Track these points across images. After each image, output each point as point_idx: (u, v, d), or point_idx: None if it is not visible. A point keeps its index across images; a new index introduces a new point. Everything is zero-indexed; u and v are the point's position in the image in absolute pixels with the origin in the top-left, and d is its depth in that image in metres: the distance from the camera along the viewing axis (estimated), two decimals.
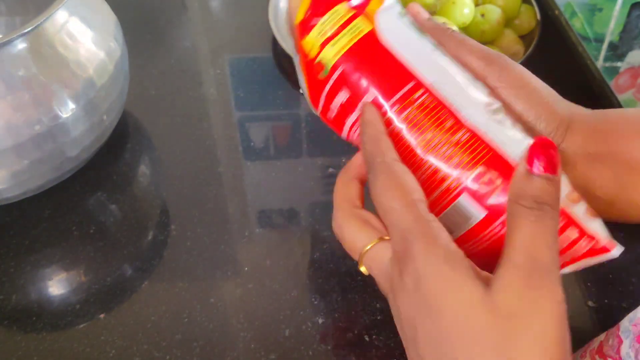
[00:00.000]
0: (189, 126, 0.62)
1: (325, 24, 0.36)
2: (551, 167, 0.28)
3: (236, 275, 0.50)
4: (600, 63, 0.63)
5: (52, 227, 0.53)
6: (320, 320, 0.47)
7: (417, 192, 0.30)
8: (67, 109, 0.48)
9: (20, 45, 0.45)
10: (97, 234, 0.53)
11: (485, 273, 0.29)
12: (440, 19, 0.61)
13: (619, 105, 0.57)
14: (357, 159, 0.35)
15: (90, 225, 0.53)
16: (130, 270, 0.51)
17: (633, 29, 0.67)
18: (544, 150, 0.28)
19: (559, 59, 0.68)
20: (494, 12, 0.64)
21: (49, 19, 0.46)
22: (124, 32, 0.57)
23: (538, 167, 0.28)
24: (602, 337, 0.38)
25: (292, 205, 0.55)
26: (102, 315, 0.47)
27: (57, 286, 0.50)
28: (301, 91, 0.39)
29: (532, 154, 0.28)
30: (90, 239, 0.52)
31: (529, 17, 0.67)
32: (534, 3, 0.68)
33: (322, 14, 0.36)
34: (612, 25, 0.67)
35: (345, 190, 0.34)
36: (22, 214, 0.54)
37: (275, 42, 0.69)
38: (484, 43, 0.64)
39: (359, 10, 0.36)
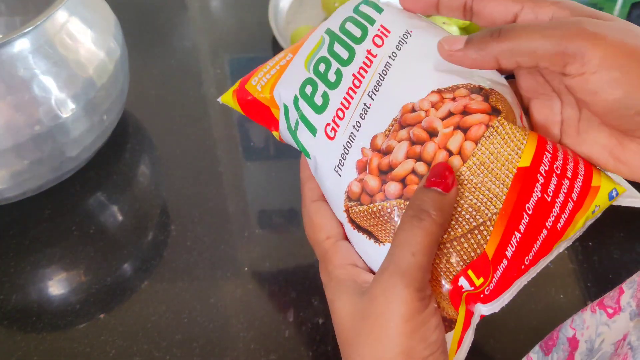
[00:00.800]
0: (189, 126, 0.62)
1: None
2: (443, 184, 0.30)
3: (236, 276, 0.50)
4: None
5: (52, 227, 0.53)
6: (320, 321, 0.47)
7: (325, 230, 0.35)
8: (67, 109, 0.48)
9: (21, 45, 0.45)
10: (97, 234, 0.53)
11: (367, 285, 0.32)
12: (440, 19, 0.61)
13: None
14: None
15: (90, 225, 0.53)
16: (130, 270, 0.51)
17: None
18: (440, 170, 0.30)
19: None
20: None
21: (49, 19, 0.46)
22: (124, 32, 0.57)
23: (431, 182, 0.30)
24: None
25: (292, 205, 0.55)
26: (102, 315, 0.47)
27: (57, 286, 0.50)
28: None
29: (431, 172, 0.31)
30: (90, 239, 0.52)
31: None
32: None
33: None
34: None
35: (306, 186, 0.37)
36: (22, 214, 0.54)
37: (275, 42, 0.69)
38: None
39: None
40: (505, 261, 0.31)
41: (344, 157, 0.34)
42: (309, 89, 0.36)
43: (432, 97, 0.33)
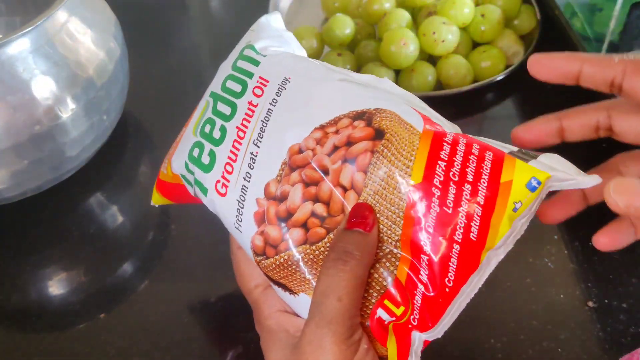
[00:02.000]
0: None
1: None
2: (364, 224, 0.29)
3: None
4: None
5: (52, 227, 0.53)
6: None
7: (253, 278, 0.35)
8: (67, 109, 0.48)
9: (21, 45, 0.45)
10: (97, 234, 0.53)
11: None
12: (440, 19, 0.61)
13: None
14: None
15: (90, 225, 0.53)
16: (130, 270, 0.51)
17: (633, 29, 0.67)
18: (360, 211, 0.30)
19: None
20: (494, 12, 0.64)
21: (49, 19, 0.46)
22: (124, 32, 0.57)
23: (352, 223, 0.29)
24: None
25: None
26: (102, 315, 0.47)
27: (57, 286, 0.50)
28: None
29: (351, 214, 0.30)
30: (90, 239, 0.52)
31: (529, 17, 0.67)
32: (534, 3, 0.68)
33: None
34: (612, 25, 0.67)
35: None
36: (22, 214, 0.54)
37: None
38: (484, 43, 0.64)
39: None
40: (421, 285, 0.30)
41: (240, 212, 0.33)
42: (196, 152, 0.36)
43: (316, 134, 0.32)
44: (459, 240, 0.29)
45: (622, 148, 0.36)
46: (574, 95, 0.41)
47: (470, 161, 0.29)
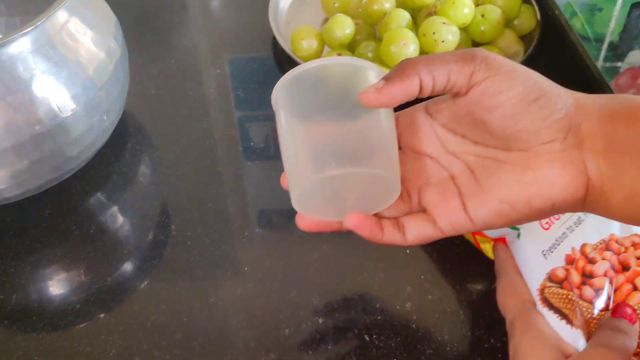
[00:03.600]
0: (189, 126, 0.62)
1: None
2: (629, 317, 0.37)
3: (236, 275, 0.50)
4: (600, 63, 0.63)
5: (52, 227, 0.53)
6: (320, 320, 0.47)
7: (526, 295, 0.41)
8: (67, 109, 0.48)
9: (21, 45, 0.45)
10: (97, 233, 0.53)
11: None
12: (440, 19, 0.61)
13: None
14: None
15: (91, 225, 0.53)
16: (131, 270, 0.51)
17: (633, 29, 0.67)
18: (623, 307, 0.38)
19: (559, 59, 0.68)
20: (494, 12, 0.64)
21: (49, 19, 0.46)
22: (124, 32, 0.57)
23: (616, 313, 0.38)
24: None
25: (292, 205, 0.55)
26: (102, 315, 0.47)
27: (57, 286, 0.50)
28: None
29: (616, 308, 0.38)
30: (91, 238, 0.52)
31: (529, 17, 0.67)
32: (534, 3, 0.68)
33: None
34: (612, 25, 0.67)
35: (510, 261, 0.44)
36: (22, 214, 0.54)
37: (275, 42, 0.69)
38: (484, 43, 0.64)
39: None
40: None
41: (555, 247, 0.41)
42: None
43: (635, 238, 0.40)
44: None
45: None
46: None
47: None
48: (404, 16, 0.63)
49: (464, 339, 0.46)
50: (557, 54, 0.69)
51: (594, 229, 0.41)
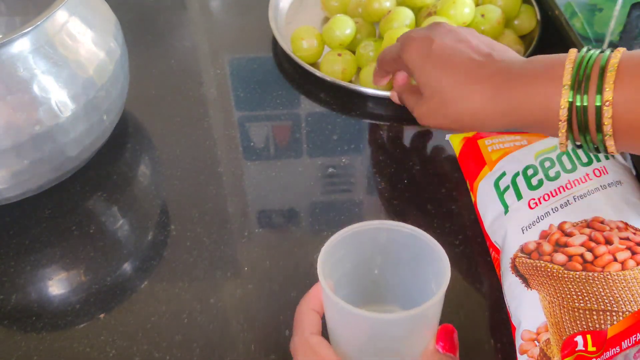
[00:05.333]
0: (189, 126, 0.62)
1: None
2: (451, 348, 0.38)
3: (236, 276, 0.50)
4: None
5: (52, 227, 0.53)
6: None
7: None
8: (67, 109, 0.48)
9: (20, 45, 0.45)
10: (97, 233, 0.53)
11: None
12: (440, 19, 0.61)
13: None
14: (315, 291, 0.39)
15: (91, 225, 0.53)
16: (130, 270, 0.51)
17: (633, 29, 0.67)
18: (447, 335, 0.38)
19: None
20: (494, 12, 0.64)
21: (49, 19, 0.46)
22: (124, 32, 0.57)
23: (442, 347, 0.37)
24: None
25: (292, 205, 0.55)
26: (102, 315, 0.47)
27: (57, 286, 0.50)
28: None
29: (439, 337, 0.38)
30: (91, 238, 0.52)
31: (529, 17, 0.67)
32: (534, 3, 0.68)
33: None
34: (612, 25, 0.67)
35: (303, 318, 0.39)
36: (22, 214, 0.54)
37: (275, 42, 0.69)
38: None
39: None
40: (618, 348, 0.37)
41: (534, 224, 0.46)
42: (530, 172, 0.49)
43: (620, 224, 0.44)
44: None
45: None
46: None
47: None
48: (407, 15, 0.63)
49: (464, 339, 0.45)
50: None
51: (579, 210, 0.46)
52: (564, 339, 0.39)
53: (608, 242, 0.43)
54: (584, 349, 0.37)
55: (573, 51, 0.41)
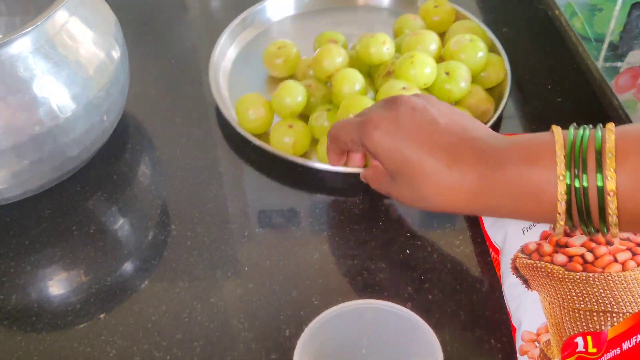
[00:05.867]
0: (189, 126, 0.62)
1: None
2: None
3: (236, 275, 0.50)
4: (600, 63, 0.63)
5: (52, 227, 0.53)
6: None
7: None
8: (67, 109, 0.48)
9: (20, 45, 0.45)
10: (98, 233, 0.53)
11: None
12: (399, 84, 0.55)
13: (620, 106, 0.57)
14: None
15: (91, 225, 0.53)
16: (131, 270, 0.51)
17: (633, 29, 0.67)
18: None
19: (559, 59, 0.68)
20: (460, 69, 0.57)
21: (49, 19, 0.46)
22: (124, 32, 0.57)
23: None
24: None
25: (292, 205, 0.55)
26: (102, 315, 0.47)
27: (57, 286, 0.50)
28: None
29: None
30: (91, 238, 0.52)
31: (497, 68, 0.61)
32: (502, 52, 0.63)
33: None
34: (612, 25, 0.67)
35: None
36: (22, 214, 0.54)
37: (219, 112, 0.65)
38: (451, 103, 0.57)
39: None
40: (618, 350, 0.37)
41: (535, 225, 0.46)
42: None
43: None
44: None
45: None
46: (575, 96, 0.40)
47: None
48: (357, 78, 0.57)
49: (464, 339, 0.46)
50: (557, 54, 0.69)
51: None
52: (564, 340, 0.39)
53: (608, 242, 0.43)
54: (584, 350, 0.38)
55: (559, 132, 0.38)
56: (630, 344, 0.37)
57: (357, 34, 0.65)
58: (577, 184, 0.36)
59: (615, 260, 0.42)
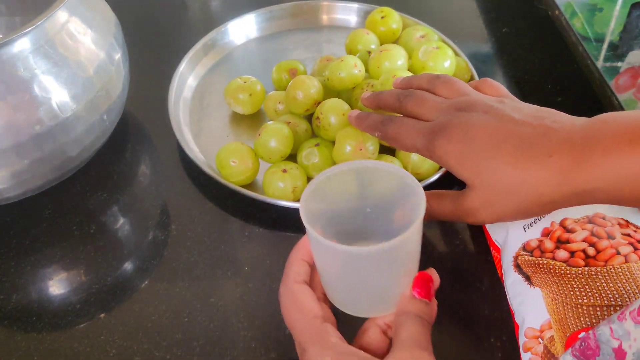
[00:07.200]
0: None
1: None
2: (427, 295, 0.38)
3: (236, 275, 0.50)
4: (600, 63, 0.63)
5: (52, 227, 0.53)
6: None
7: (313, 310, 0.37)
8: (67, 109, 0.48)
9: (21, 45, 0.45)
10: (98, 233, 0.53)
11: None
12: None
13: (620, 106, 0.57)
14: (304, 241, 0.40)
15: (91, 225, 0.53)
16: (131, 270, 0.51)
17: (633, 29, 0.67)
18: (423, 282, 0.38)
19: (559, 59, 0.68)
20: None
21: (49, 19, 0.46)
22: (124, 32, 0.57)
23: (418, 293, 0.37)
24: None
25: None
26: (102, 315, 0.47)
27: (57, 286, 0.50)
28: None
29: (415, 283, 0.38)
30: (91, 238, 0.52)
31: (462, 71, 0.62)
32: (464, 57, 0.63)
33: None
34: (612, 25, 0.67)
35: (290, 267, 0.39)
36: (22, 213, 0.54)
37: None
38: None
39: None
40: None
41: (536, 221, 0.45)
42: None
43: (621, 221, 0.44)
44: None
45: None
46: (575, 96, 0.40)
47: None
48: (342, 107, 0.55)
49: (464, 338, 0.46)
50: (557, 54, 0.69)
51: (581, 207, 0.44)
52: (568, 335, 0.39)
53: (610, 236, 0.43)
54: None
55: None
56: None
57: (312, 56, 0.66)
58: None
59: (618, 253, 0.42)
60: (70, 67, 0.48)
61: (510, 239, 0.46)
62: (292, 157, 0.56)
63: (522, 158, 0.38)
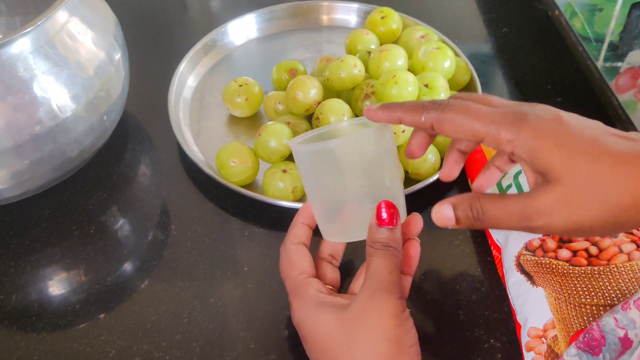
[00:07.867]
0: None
1: None
2: (390, 221, 0.39)
3: (236, 275, 0.50)
4: (600, 63, 0.63)
5: (52, 227, 0.53)
6: None
7: (300, 267, 0.42)
8: (67, 109, 0.48)
9: (21, 45, 0.45)
10: (98, 234, 0.53)
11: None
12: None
13: (620, 106, 0.57)
14: (305, 206, 0.45)
15: (91, 225, 0.53)
16: (131, 270, 0.51)
17: (633, 29, 0.67)
18: (386, 208, 0.39)
19: (559, 59, 0.68)
20: (438, 80, 0.56)
21: (49, 19, 0.46)
22: (124, 32, 0.57)
23: (382, 222, 0.39)
24: None
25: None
26: (102, 315, 0.47)
27: (57, 286, 0.50)
28: None
29: (378, 212, 0.39)
30: (91, 239, 0.52)
31: (462, 72, 0.62)
32: (464, 57, 0.64)
33: None
34: (612, 25, 0.67)
35: (290, 229, 0.44)
36: (22, 214, 0.54)
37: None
38: None
39: None
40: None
41: None
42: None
43: None
44: None
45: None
46: (575, 96, 0.40)
47: None
48: (342, 108, 0.55)
49: (464, 339, 0.46)
50: (557, 54, 0.69)
51: None
52: (572, 334, 0.39)
53: (613, 235, 0.43)
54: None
55: None
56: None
57: (312, 56, 0.66)
58: None
59: (621, 252, 0.42)
60: (70, 67, 0.48)
61: (511, 238, 0.46)
62: (292, 157, 0.55)
63: (619, 157, 0.33)
